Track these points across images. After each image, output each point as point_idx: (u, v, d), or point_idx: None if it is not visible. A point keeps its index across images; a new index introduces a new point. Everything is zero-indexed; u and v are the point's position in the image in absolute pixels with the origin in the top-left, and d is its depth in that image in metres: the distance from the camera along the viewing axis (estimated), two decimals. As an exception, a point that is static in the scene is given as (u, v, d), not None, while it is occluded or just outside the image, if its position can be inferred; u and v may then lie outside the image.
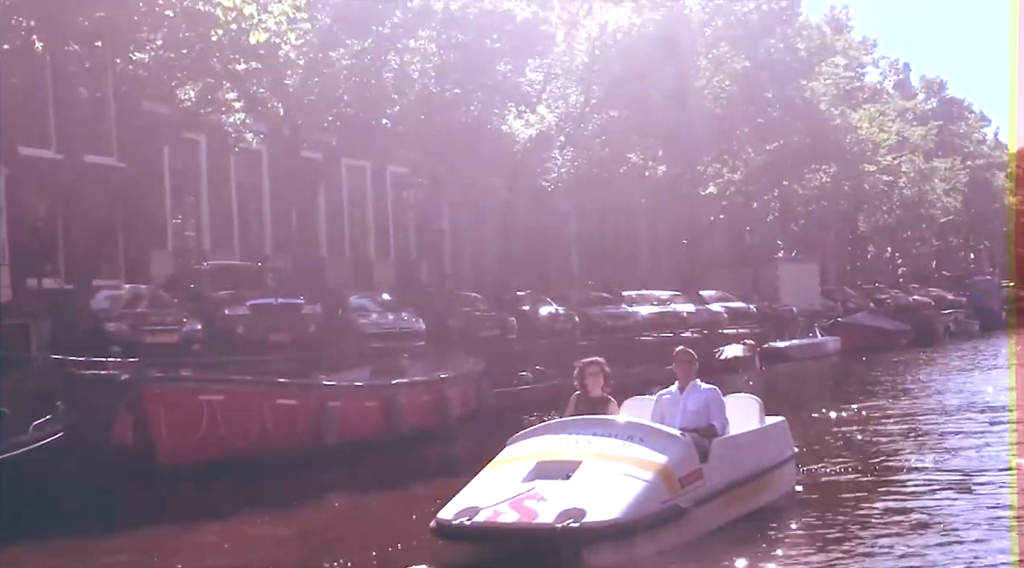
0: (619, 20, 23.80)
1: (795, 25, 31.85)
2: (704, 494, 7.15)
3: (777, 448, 8.61)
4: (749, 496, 7.85)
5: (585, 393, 8.28)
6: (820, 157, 33.53)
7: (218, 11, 11.48)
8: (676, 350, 8.79)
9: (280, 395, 11.55)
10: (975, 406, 16.69)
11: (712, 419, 7.89)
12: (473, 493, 6.79)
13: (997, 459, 10.95)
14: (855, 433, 14.22)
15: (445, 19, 17.15)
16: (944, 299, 52.42)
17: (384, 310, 19.98)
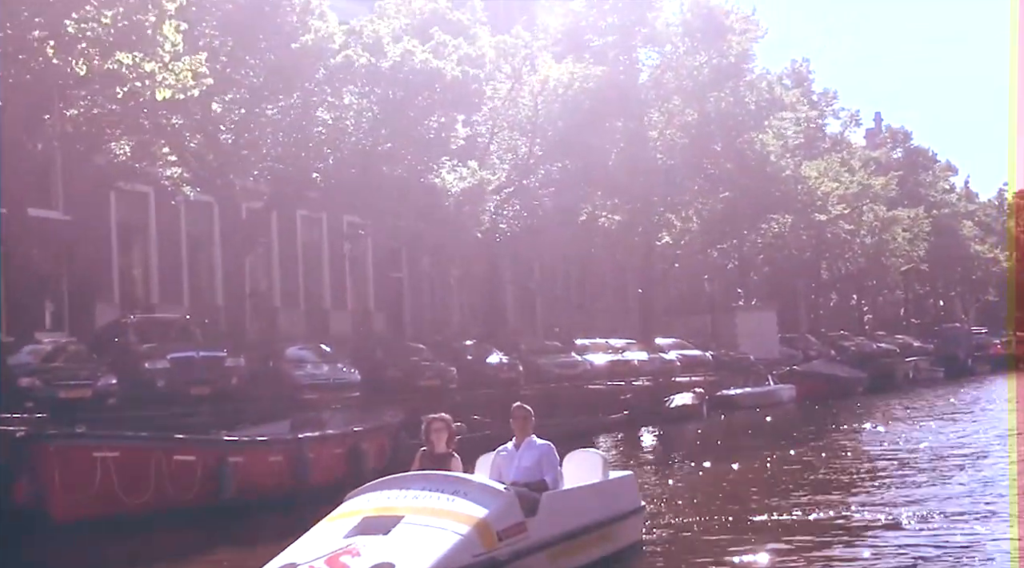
0: (560, 75, 24.35)
1: (745, 79, 32.52)
2: (527, 547, 7.31)
3: (619, 502, 8.81)
4: (584, 548, 8.02)
5: (431, 449, 8.47)
6: (772, 207, 34.06)
7: (123, 70, 11.79)
8: (513, 406, 9.02)
9: (177, 451, 11.66)
10: (884, 458, 16.91)
11: (544, 474, 8.09)
12: (296, 549, 6.95)
13: (867, 516, 11.05)
14: (745, 485, 14.39)
15: (371, 76, 17.59)
16: (910, 346, 52.88)
17: (322, 361, 20.15)
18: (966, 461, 15.80)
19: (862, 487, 13.47)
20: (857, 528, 10.32)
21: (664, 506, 12.43)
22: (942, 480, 13.77)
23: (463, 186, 19.57)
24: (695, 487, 14.68)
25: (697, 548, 9.29)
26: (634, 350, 31.60)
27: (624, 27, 32.09)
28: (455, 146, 19.32)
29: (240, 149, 17.28)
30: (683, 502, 12.59)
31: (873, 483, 13.73)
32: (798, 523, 10.62)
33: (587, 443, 21.68)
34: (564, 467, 9.10)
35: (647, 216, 32.70)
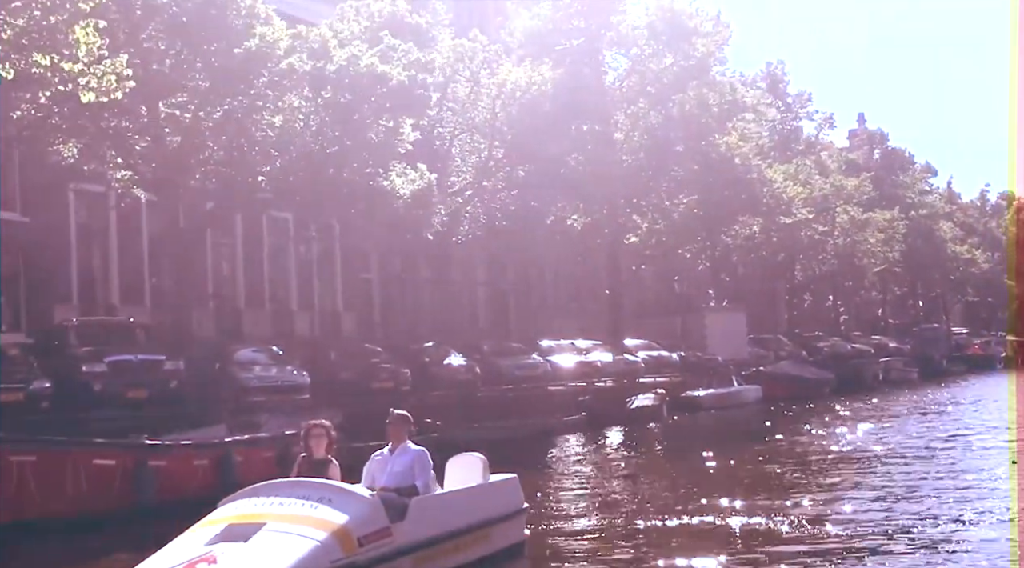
0: (518, 79, 24.48)
1: (708, 82, 32.67)
2: (391, 551, 7.47)
3: (498, 504, 8.98)
4: (457, 550, 8.20)
5: (309, 455, 8.60)
6: (739, 210, 34.25)
7: (44, 72, 11.88)
8: (391, 412, 9.16)
9: (96, 455, 11.76)
10: (813, 459, 17.08)
11: (415, 479, 8.26)
12: (159, 556, 7.09)
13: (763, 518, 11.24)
14: (663, 488, 14.57)
15: (316, 80, 17.72)
16: (886, 347, 53.12)
17: (273, 363, 20.25)
18: (870, 466, 16.04)
19: (775, 493, 13.62)
20: (750, 535, 10.48)
21: (572, 508, 12.63)
22: (822, 488, 13.83)
23: (412, 189, 19.68)
24: (612, 489, 14.87)
25: (580, 550, 9.48)
26: (600, 351, 31.75)
27: (590, 30, 32.30)
28: (403, 150, 19.37)
29: (185, 152, 17.36)
30: (591, 504, 12.76)
31: (791, 488, 13.90)
32: (695, 529, 10.79)
33: (542, 444, 22.04)
34: (447, 471, 9.26)
35: (613, 218, 32.90)
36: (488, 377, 26.13)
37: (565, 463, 18.80)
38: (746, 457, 18.00)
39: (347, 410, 19.20)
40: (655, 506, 12.61)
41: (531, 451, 20.44)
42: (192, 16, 17.62)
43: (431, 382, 23.85)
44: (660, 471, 17.21)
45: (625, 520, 11.61)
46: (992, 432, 20.90)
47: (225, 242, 29.10)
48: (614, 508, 12.74)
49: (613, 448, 21.78)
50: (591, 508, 12.80)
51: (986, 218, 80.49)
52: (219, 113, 17.11)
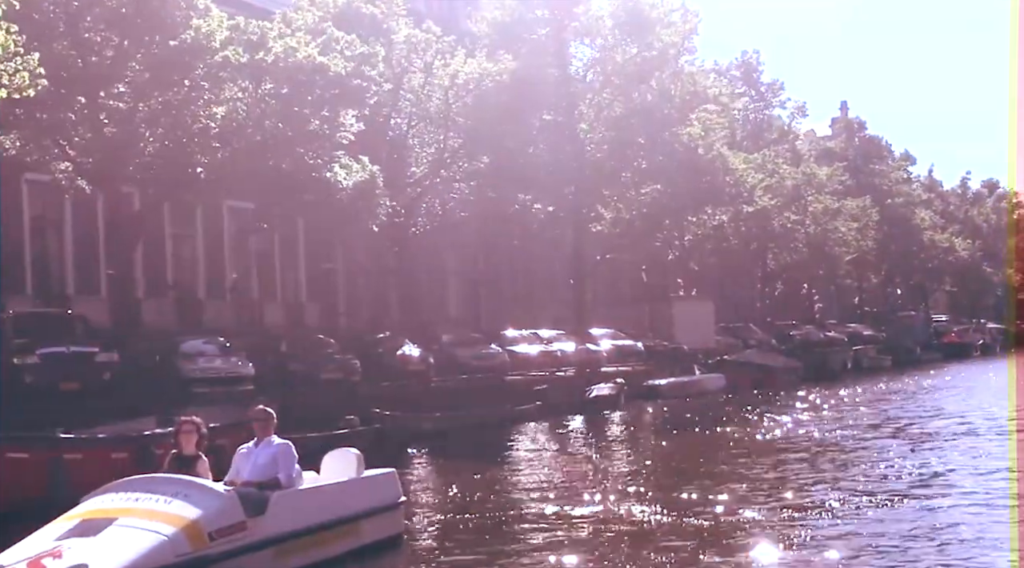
0: (471, 71, 24.51)
1: (670, 72, 32.70)
2: (246, 545, 7.61)
3: (371, 497, 9.13)
4: (324, 543, 8.35)
5: (180, 451, 8.72)
6: (702, 199, 34.34)
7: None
8: (254, 408, 9.28)
9: (9, 449, 11.85)
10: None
11: (278, 472, 8.39)
12: (12, 551, 7.20)
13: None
14: (585, 476, 14.75)
15: (254, 72, 17.76)
16: (860, 335, 53.36)
17: (219, 354, 20.33)
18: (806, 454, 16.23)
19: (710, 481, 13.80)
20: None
21: (469, 499, 12.76)
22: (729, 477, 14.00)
23: (355, 180, 19.74)
24: (531, 478, 15.04)
25: (467, 540, 9.67)
26: (563, 341, 31.90)
27: (555, 20, 32.29)
28: (345, 141, 19.42)
29: (121, 143, 17.41)
30: (503, 493, 12.93)
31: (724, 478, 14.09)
32: (592, 517, 10.96)
33: (490, 434, 22.18)
34: (323, 465, 9.39)
35: (576, 208, 32.98)
36: (445, 367, 26.24)
37: (501, 451, 18.96)
38: (674, 447, 18.22)
39: (283, 401, 19.38)
40: (566, 494, 12.78)
41: (476, 440, 20.63)
42: (131, 7, 17.64)
43: (384, 373, 23.95)
44: (589, 459, 17.38)
45: (526, 508, 11.77)
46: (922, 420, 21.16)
47: (186, 232, 29.19)
48: (525, 496, 12.90)
49: (556, 437, 21.96)
50: (501, 497, 12.94)
51: (967, 206, 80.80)
52: (154, 104, 17.13)
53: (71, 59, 17.56)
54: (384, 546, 9.16)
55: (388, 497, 9.42)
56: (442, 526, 10.87)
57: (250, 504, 7.83)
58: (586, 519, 10.94)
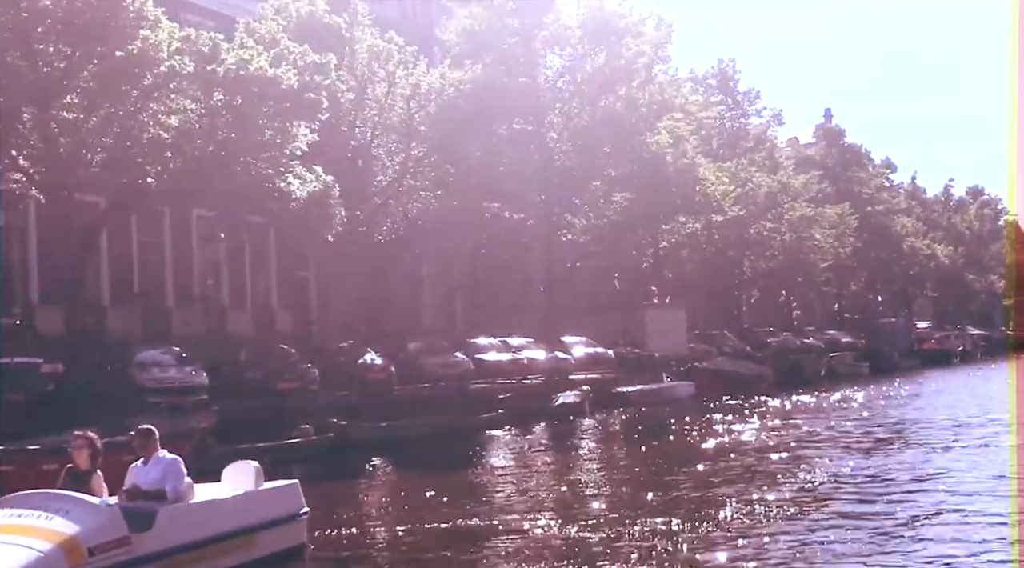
0: (432, 81, 24.66)
1: (641, 81, 32.90)
2: (131, 560, 7.69)
3: (268, 509, 9.23)
4: (217, 555, 8.44)
5: (75, 466, 8.80)
6: (672, 208, 34.54)
7: None
8: (140, 428, 9.38)
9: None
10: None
11: (167, 487, 8.49)
12: None
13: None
14: (524, 487, 14.81)
15: (204, 83, 17.90)
16: (838, 342, 53.51)
17: (176, 364, 20.39)
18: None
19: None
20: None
21: (401, 510, 12.86)
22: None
23: (309, 190, 19.88)
24: (467, 487, 15.15)
25: (374, 552, 9.76)
26: (532, 349, 31.98)
27: (524, 30, 32.48)
28: (299, 152, 19.55)
29: (70, 154, 17.53)
30: (431, 503, 13.02)
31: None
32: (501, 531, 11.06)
33: (453, 443, 22.26)
34: (223, 478, 9.49)
35: (546, 216, 33.15)
36: (408, 375, 26.30)
37: (454, 461, 19.04)
38: (626, 456, 18.34)
39: (235, 411, 19.50)
40: (500, 507, 12.88)
41: (434, 450, 20.71)
42: (83, 18, 17.76)
43: (345, 381, 24.01)
44: (538, 470, 17.49)
45: (457, 520, 11.86)
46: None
47: (153, 240, 29.24)
48: (461, 508, 12.98)
49: (513, 446, 22.05)
50: (435, 510, 13.02)
51: (950, 213, 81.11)
52: (103, 115, 17.24)
53: (23, 70, 17.67)
54: (284, 558, 9.25)
55: (288, 509, 9.51)
56: (360, 538, 10.95)
57: (135, 519, 7.92)
58: (514, 533, 11.01)
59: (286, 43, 19.92)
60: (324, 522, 11.23)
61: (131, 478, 8.82)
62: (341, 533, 10.97)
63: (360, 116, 25.85)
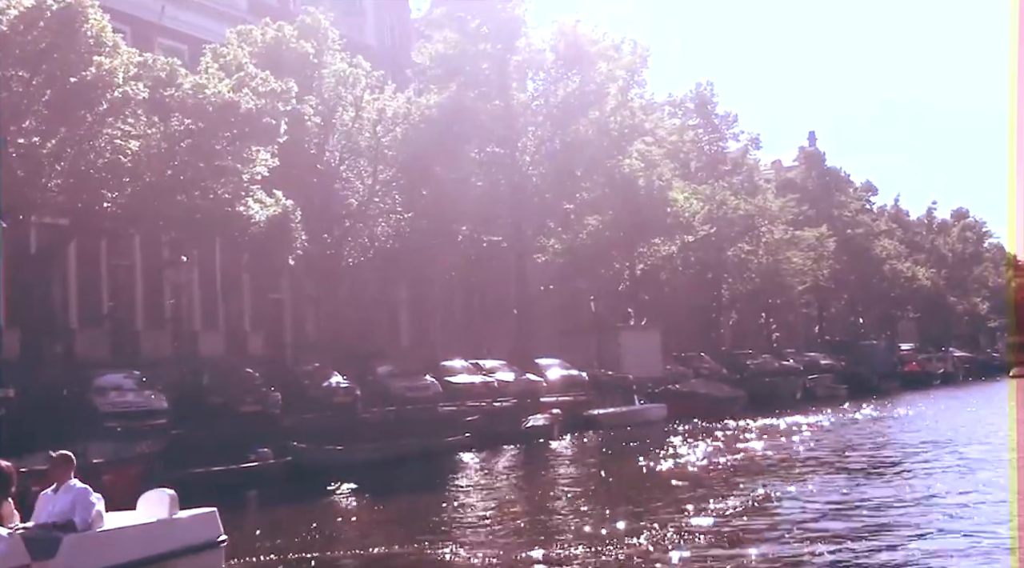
0: (398, 106, 24.86)
1: (613, 105, 33.17)
2: None
3: (183, 537, 9.26)
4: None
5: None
6: (644, 230, 34.75)
7: None
8: (54, 454, 9.40)
9: None
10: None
11: (75, 515, 8.52)
12: None
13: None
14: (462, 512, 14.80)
15: (162, 108, 18.02)
16: (817, 364, 53.60)
17: (135, 388, 20.36)
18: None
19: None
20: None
21: (338, 535, 12.87)
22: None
23: (269, 214, 19.98)
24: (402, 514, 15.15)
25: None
26: (505, 371, 31.99)
27: (496, 54, 32.77)
28: (259, 177, 19.67)
29: (26, 179, 17.61)
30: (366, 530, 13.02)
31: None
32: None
33: (416, 466, 22.23)
34: (139, 506, 9.51)
35: (519, 239, 33.32)
36: (376, 398, 26.28)
37: (414, 484, 19.04)
38: (585, 480, 18.35)
39: (194, 435, 19.47)
40: (448, 532, 12.89)
41: (396, 473, 20.68)
42: (43, 44, 17.89)
43: (309, 405, 23.96)
44: (485, 493, 17.49)
45: (397, 547, 11.86)
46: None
47: (123, 263, 29.26)
48: (408, 533, 12.97)
49: (477, 470, 22.05)
50: (375, 535, 13.04)
51: (933, 235, 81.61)
52: (60, 140, 17.35)
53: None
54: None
55: (204, 537, 9.54)
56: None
57: (39, 547, 7.93)
58: (447, 560, 11.04)
59: (250, 69, 20.05)
60: (250, 548, 11.24)
61: (39, 506, 8.84)
62: (261, 560, 10.97)
63: (329, 140, 26.01)
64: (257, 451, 19.87)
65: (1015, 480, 14.93)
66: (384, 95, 25.85)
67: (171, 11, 30.79)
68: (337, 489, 18.77)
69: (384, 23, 40.35)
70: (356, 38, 39.43)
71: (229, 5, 32.79)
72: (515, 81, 33.40)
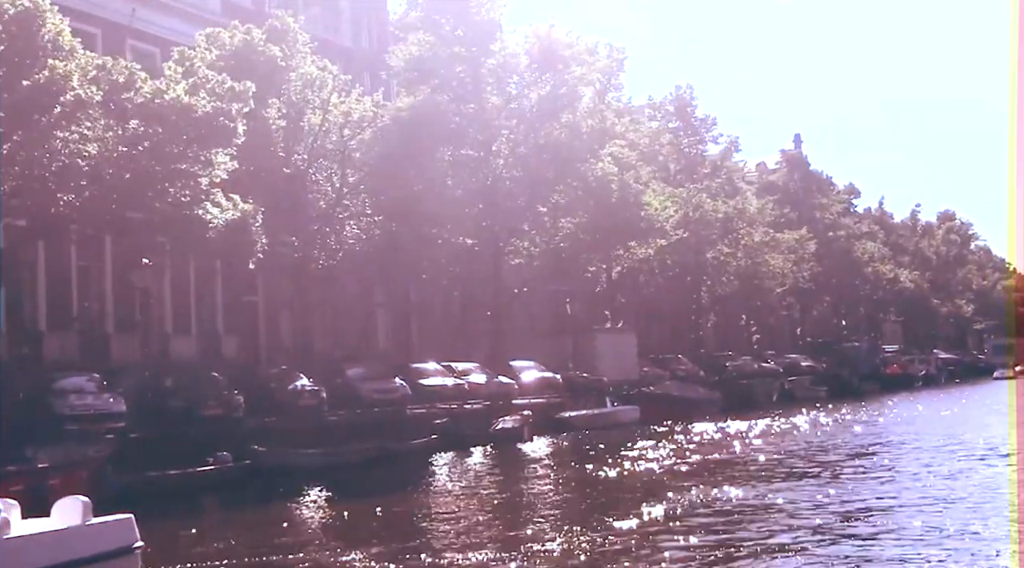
0: (365, 109, 24.90)
1: (584, 109, 33.24)
2: None
3: (96, 543, 9.32)
4: None
5: None
6: (618, 233, 34.83)
7: None
8: None
9: None
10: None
11: None
12: None
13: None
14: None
15: (120, 111, 18.05)
16: (797, 365, 53.78)
17: (93, 391, 20.35)
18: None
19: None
20: None
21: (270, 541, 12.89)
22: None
23: (227, 218, 20.01)
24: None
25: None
26: (477, 373, 32.03)
27: (471, 57, 32.81)
28: (217, 179, 19.70)
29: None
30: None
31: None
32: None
33: (381, 469, 22.25)
34: (52, 513, 9.56)
35: (493, 241, 33.36)
36: (344, 401, 26.30)
37: (373, 488, 19.06)
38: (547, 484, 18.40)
39: (150, 438, 19.48)
40: (388, 539, 12.93)
41: (359, 476, 20.67)
42: (4, 48, 17.90)
43: (274, 408, 23.96)
44: (441, 496, 17.54)
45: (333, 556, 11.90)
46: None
47: (93, 265, 29.22)
48: (349, 541, 12.99)
49: (440, 473, 22.10)
50: (305, 542, 13.05)
51: (917, 237, 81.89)
52: (13, 143, 17.37)
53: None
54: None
55: (118, 543, 9.59)
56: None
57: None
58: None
59: (204, 71, 20.08)
60: (175, 555, 11.30)
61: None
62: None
63: (298, 142, 26.04)
64: (216, 455, 19.88)
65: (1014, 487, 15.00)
66: (350, 98, 25.89)
67: (143, 14, 30.76)
68: (301, 492, 18.75)
69: (362, 25, 40.41)
70: (333, 40, 39.52)
71: (202, 8, 32.77)
72: (489, 84, 33.42)
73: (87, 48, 20.13)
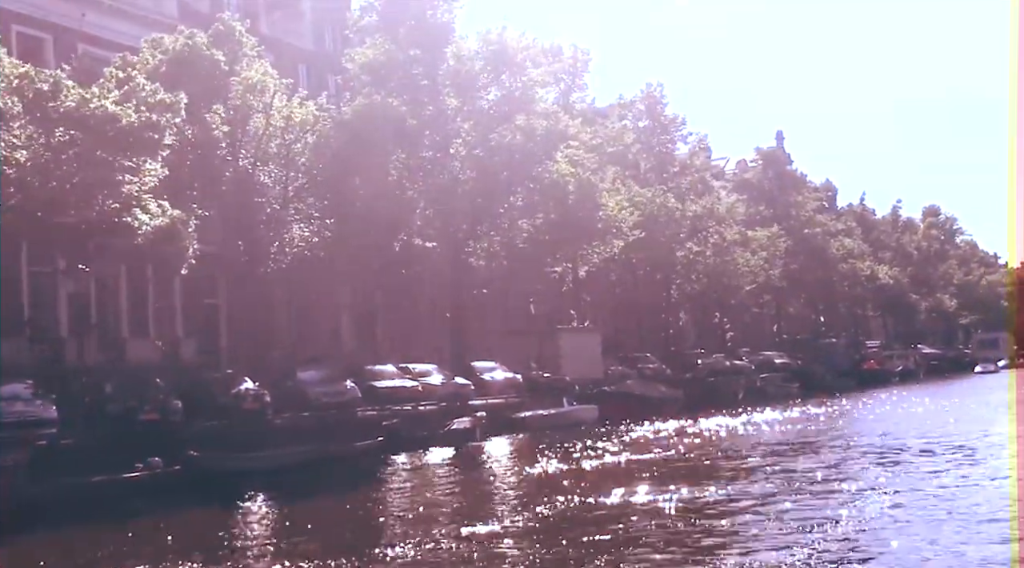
0: (306, 114, 25.00)
1: (539, 111, 33.30)
2: None
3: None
4: None
5: None
6: (578, 233, 34.92)
7: None
8: None
9: None
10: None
11: None
12: None
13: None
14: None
15: (44, 120, 18.15)
16: (771, 362, 53.90)
17: (22, 398, 20.36)
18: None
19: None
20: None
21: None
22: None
23: (156, 224, 20.09)
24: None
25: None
26: (434, 374, 32.09)
27: (427, 60, 32.87)
28: (147, 187, 19.78)
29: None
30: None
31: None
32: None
33: (323, 472, 22.29)
34: None
35: (451, 243, 33.45)
36: (292, 404, 26.32)
37: (308, 492, 19.14)
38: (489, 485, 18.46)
39: (76, 447, 19.51)
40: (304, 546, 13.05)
41: (301, 479, 20.70)
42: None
43: (217, 412, 23.96)
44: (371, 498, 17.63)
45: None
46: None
47: (45, 270, 29.27)
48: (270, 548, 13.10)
49: (380, 475, 22.19)
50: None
51: (898, 233, 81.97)
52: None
53: None
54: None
55: None
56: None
57: None
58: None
59: (140, 80, 20.16)
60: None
61: None
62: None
63: (243, 146, 26.12)
64: (146, 460, 19.87)
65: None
66: (292, 103, 25.99)
67: (99, 19, 30.79)
68: (235, 496, 18.71)
69: (323, 26, 40.48)
70: (296, 43, 39.62)
71: (160, 12, 32.77)
72: (447, 86, 33.50)
73: (37, 54, 20.30)
